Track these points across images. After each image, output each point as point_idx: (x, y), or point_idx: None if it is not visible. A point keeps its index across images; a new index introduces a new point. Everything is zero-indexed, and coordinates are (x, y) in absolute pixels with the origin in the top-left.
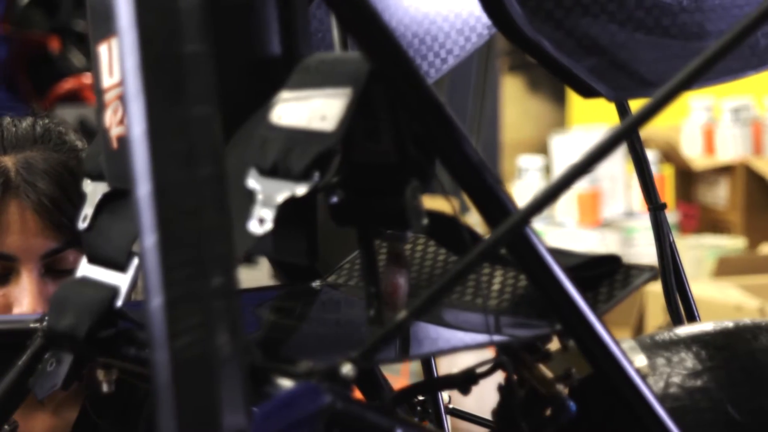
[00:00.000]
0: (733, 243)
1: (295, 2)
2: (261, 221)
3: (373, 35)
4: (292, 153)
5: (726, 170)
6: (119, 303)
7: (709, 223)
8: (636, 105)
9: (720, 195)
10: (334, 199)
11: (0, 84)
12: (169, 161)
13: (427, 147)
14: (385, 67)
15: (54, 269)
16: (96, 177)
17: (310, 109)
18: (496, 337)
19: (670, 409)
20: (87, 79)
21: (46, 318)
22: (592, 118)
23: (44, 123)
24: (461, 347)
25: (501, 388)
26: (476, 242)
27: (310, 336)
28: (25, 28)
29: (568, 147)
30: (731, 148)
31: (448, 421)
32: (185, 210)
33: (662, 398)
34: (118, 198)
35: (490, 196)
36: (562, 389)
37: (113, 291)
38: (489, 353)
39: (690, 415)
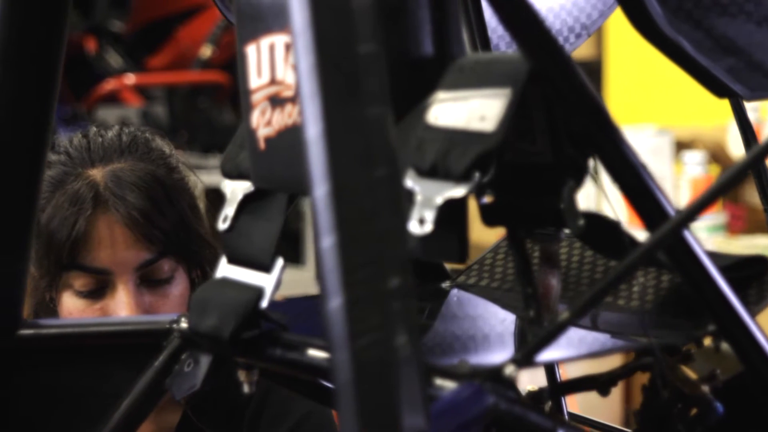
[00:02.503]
0: None
1: (447, 3)
2: (421, 222)
3: (534, 34)
4: (452, 154)
5: None
6: (264, 304)
7: (756, 223)
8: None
9: None
10: (484, 200)
11: None
12: (346, 162)
13: (584, 146)
14: (545, 65)
15: (149, 279)
16: (234, 177)
17: (468, 110)
18: (642, 339)
19: None
20: (128, 79)
21: (183, 318)
22: (626, 119)
23: (130, 131)
24: (610, 349)
25: (645, 390)
26: (633, 245)
27: (446, 337)
28: None
29: None
30: None
31: None
32: (363, 211)
33: None
34: (260, 198)
35: (649, 198)
36: (707, 390)
37: (258, 292)
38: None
39: None
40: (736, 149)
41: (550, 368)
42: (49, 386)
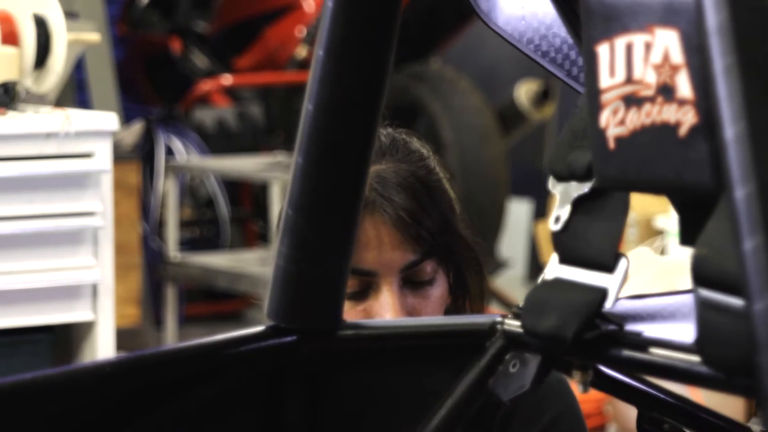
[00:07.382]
0: None
1: None
2: None
3: None
4: None
5: None
6: (609, 305)
7: None
8: None
9: None
10: None
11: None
12: None
13: None
14: None
15: (412, 281)
16: (565, 178)
17: None
18: None
19: None
20: (225, 80)
21: (506, 319)
22: None
23: (388, 132)
24: None
25: None
26: None
27: None
28: (142, 29)
29: None
30: None
31: None
32: None
33: None
34: (595, 198)
35: None
36: None
37: (602, 293)
38: None
39: None
40: None
41: None
42: (367, 386)
